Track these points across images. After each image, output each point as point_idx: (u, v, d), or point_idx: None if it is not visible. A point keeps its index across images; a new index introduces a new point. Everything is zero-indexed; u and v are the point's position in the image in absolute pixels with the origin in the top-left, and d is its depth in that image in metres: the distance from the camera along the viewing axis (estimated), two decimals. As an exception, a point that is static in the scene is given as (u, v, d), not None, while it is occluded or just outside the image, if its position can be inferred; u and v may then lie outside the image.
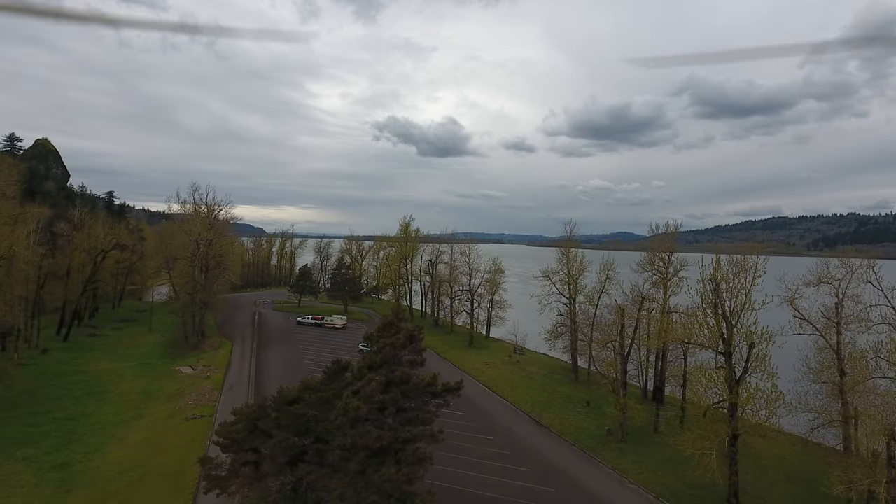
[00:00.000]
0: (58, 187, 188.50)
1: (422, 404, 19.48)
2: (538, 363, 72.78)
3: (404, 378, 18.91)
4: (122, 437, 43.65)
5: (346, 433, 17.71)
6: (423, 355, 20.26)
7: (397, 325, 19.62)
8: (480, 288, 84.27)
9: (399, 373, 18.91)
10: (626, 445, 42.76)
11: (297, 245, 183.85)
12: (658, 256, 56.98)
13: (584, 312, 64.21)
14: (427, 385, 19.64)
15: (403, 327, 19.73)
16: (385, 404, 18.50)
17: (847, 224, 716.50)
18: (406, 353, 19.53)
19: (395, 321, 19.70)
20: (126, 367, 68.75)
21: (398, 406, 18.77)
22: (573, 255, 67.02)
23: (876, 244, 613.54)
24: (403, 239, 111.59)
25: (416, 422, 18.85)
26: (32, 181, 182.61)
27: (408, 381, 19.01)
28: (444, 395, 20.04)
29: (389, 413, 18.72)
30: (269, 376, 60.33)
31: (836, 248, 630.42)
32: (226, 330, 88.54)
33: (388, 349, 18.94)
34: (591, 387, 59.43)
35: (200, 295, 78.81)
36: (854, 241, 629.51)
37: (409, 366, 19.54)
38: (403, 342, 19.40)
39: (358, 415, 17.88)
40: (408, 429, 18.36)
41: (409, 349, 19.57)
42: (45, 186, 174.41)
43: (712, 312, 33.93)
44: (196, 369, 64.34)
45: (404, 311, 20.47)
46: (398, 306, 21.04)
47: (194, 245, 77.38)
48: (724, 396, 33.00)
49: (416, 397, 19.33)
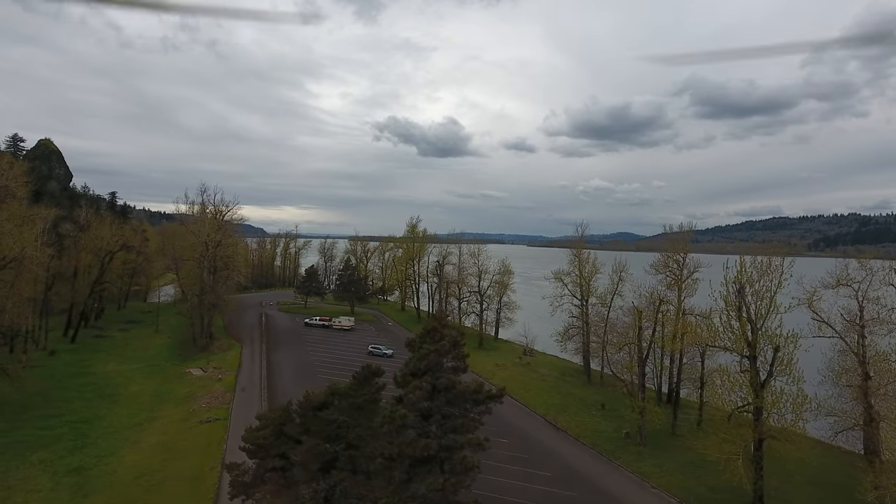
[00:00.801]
0: (61, 188, 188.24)
1: (465, 411, 19.11)
2: (549, 365, 72.46)
3: (449, 385, 18.56)
4: (137, 441, 43.32)
5: (391, 441, 17.37)
6: (465, 361, 19.92)
7: (441, 331, 19.27)
8: (489, 289, 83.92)
9: (444, 379, 18.57)
10: (646, 449, 42.43)
11: (301, 246, 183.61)
12: (672, 258, 56.63)
13: (597, 314, 63.88)
14: (473, 392, 19.28)
15: (447, 333, 19.37)
16: (430, 412, 18.15)
17: (848, 224, 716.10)
18: (449, 360, 19.17)
19: (439, 327, 19.35)
20: (135, 369, 68.43)
21: (443, 413, 18.41)
22: (585, 257, 66.64)
23: (877, 244, 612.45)
24: (410, 239, 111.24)
25: (460, 429, 18.49)
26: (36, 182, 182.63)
27: (453, 388, 18.65)
28: (487, 402, 19.69)
29: (434, 421, 18.35)
30: (280, 378, 60.04)
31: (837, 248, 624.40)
32: (234, 331, 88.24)
33: (432, 355, 18.59)
34: (604, 389, 59.12)
35: (209, 296, 78.50)
36: (855, 241, 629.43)
37: (453, 372, 19.19)
38: (448, 348, 19.05)
39: (405, 422, 17.55)
40: (452, 436, 18.01)
41: (452, 355, 19.22)
42: (49, 187, 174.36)
43: (736, 315, 33.59)
44: (206, 371, 64.03)
45: (446, 317, 20.08)
46: (441, 312, 20.78)
47: (203, 246, 77.07)
48: (749, 400, 32.64)
49: (460, 404, 18.96)
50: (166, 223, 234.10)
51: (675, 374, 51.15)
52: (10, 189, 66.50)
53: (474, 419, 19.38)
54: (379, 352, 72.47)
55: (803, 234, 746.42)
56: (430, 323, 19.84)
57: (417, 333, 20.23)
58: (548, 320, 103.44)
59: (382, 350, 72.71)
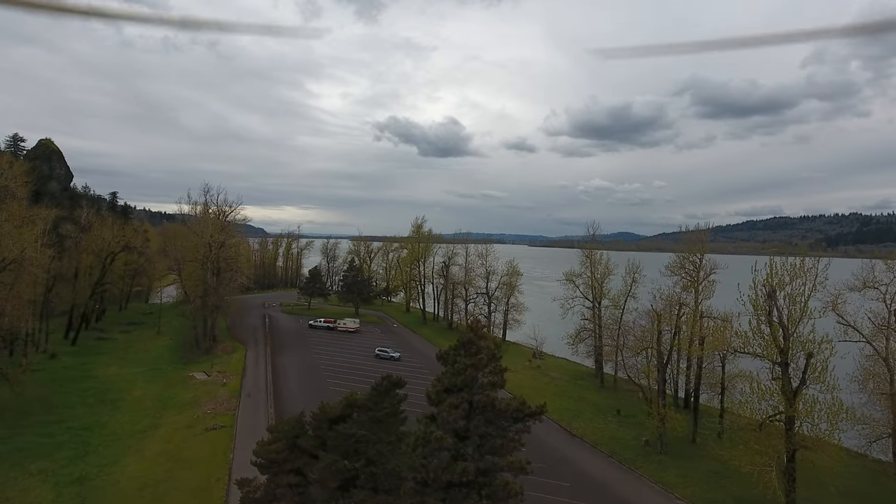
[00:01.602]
0: (61, 188, 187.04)
1: (503, 431, 17.64)
2: (559, 368, 71.05)
3: (487, 403, 17.11)
4: (140, 449, 41.92)
5: (423, 464, 15.97)
6: (503, 376, 18.40)
7: (477, 344, 17.79)
8: (497, 291, 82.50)
9: (481, 397, 17.09)
10: (667, 458, 41.01)
11: (304, 246, 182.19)
12: (688, 259, 55.18)
13: (610, 316, 62.44)
14: (515, 410, 17.82)
15: (484, 346, 17.91)
16: (466, 432, 16.70)
17: (849, 224, 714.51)
18: (485, 375, 17.68)
19: (475, 338, 17.84)
20: (137, 373, 67.07)
21: (480, 433, 16.93)
22: (597, 258, 65.16)
23: (878, 244, 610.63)
24: (415, 239, 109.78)
25: (499, 451, 17.01)
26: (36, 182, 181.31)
27: (491, 405, 17.19)
28: (527, 420, 18.25)
29: (471, 442, 16.89)
30: (286, 382, 58.66)
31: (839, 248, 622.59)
32: (237, 333, 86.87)
33: (469, 370, 17.10)
34: (618, 393, 57.70)
35: (212, 298, 77.16)
36: (856, 241, 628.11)
37: (491, 388, 17.72)
38: (485, 362, 17.57)
39: (442, 445, 16.12)
40: (491, 459, 16.55)
41: (488, 369, 17.73)
42: (50, 187, 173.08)
43: (766, 320, 32.15)
44: (210, 375, 62.65)
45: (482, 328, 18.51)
46: (477, 322, 19.22)
47: (206, 247, 75.71)
48: (781, 409, 31.22)
49: (499, 423, 17.48)
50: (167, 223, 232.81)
51: (692, 378, 49.64)
52: (10, 189, 65.20)
53: (514, 440, 17.91)
54: (386, 355, 71.09)
55: (804, 234, 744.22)
56: (466, 334, 18.30)
57: (451, 346, 18.72)
58: (557, 322, 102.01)
59: (389, 353, 71.32)
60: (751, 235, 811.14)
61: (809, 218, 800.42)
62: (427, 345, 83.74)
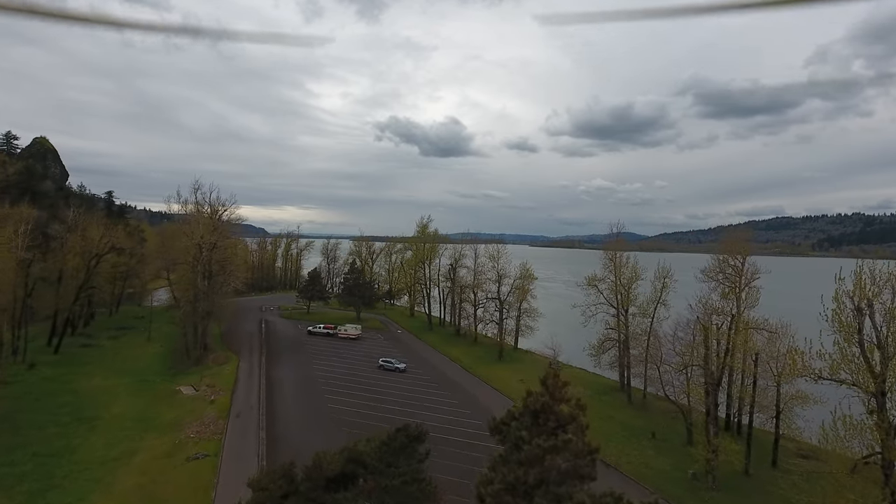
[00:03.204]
0: (56, 187, 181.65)
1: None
2: (579, 380, 65.30)
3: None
4: (111, 483, 36.42)
5: None
6: (595, 461, 12.65)
7: (555, 412, 12.23)
8: (509, 296, 76.85)
9: (570, 503, 11.55)
10: (719, 494, 35.42)
11: (304, 246, 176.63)
12: (727, 263, 49.56)
13: (638, 325, 56.77)
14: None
15: (564, 414, 12.32)
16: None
17: (852, 224, 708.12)
18: (567, 461, 11.96)
19: (550, 402, 12.22)
20: (121, 385, 61.66)
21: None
22: (622, 260, 59.44)
23: (882, 244, 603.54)
24: (420, 240, 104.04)
25: None
26: (30, 181, 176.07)
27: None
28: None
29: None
30: (281, 399, 53.11)
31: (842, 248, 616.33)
32: (231, 340, 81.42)
33: (546, 459, 11.52)
34: (649, 413, 52.05)
35: (203, 303, 71.70)
36: (860, 241, 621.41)
37: (579, 482, 12.12)
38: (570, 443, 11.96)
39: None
40: None
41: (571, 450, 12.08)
42: (43, 186, 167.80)
43: (857, 341, 26.50)
44: (199, 390, 57.18)
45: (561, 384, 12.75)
46: (553, 374, 13.62)
47: (196, 249, 70.23)
48: (877, 449, 25.59)
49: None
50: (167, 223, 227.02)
51: (736, 397, 43.90)
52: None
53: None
54: (391, 366, 65.54)
55: (807, 234, 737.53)
56: (537, 398, 12.49)
57: (513, 410, 13.15)
58: (571, 328, 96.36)
59: (394, 364, 65.76)
60: (753, 236, 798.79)
61: (812, 218, 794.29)
62: (434, 353, 78.21)
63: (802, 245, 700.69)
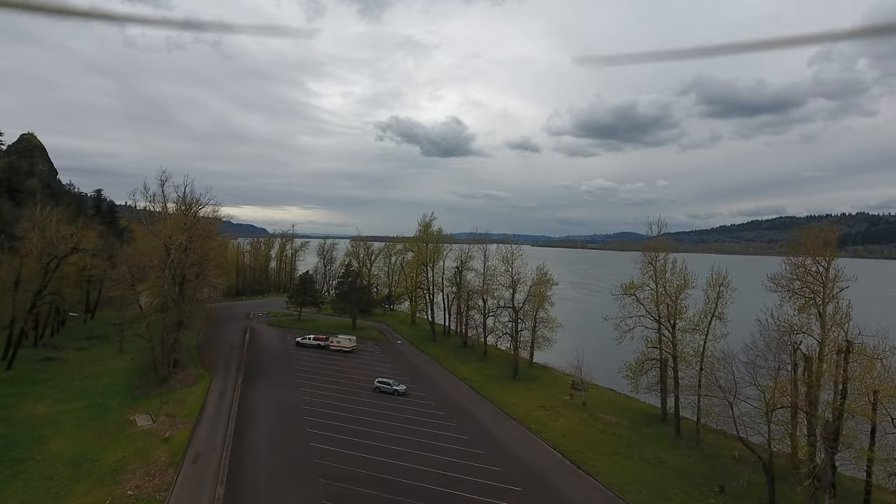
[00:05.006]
0: (43, 185, 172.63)
1: None
2: (609, 405, 55.56)
3: None
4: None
5: None
6: None
7: None
8: (525, 304, 67.00)
9: None
10: None
11: (299, 247, 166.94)
12: (806, 268, 39.71)
13: (688, 343, 46.88)
14: None
15: None
16: None
17: (857, 224, 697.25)
18: None
19: None
20: (69, 412, 52.24)
21: None
22: (668, 264, 49.47)
23: (887, 244, 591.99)
24: (422, 240, 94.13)
25: None
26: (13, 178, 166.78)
27: None
28: None
29: None
30: (253, 436, 43.35)
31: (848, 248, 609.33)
32: (208, 354, 71.81)
33: None
34: (704, 451, 42.04)
35: (174, 313, 62.12)
36: (865, 241, 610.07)
37: None
38: None
39: None
40: None
41: None
42: (29, 184, 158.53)
43: None
44: (156, 420, 47.56)
45: None
46: None
47: (163, 251, 60.62)
48: None
49: None
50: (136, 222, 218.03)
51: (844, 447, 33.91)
52: None
53: None
54: (388, 388, 55.75)
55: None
56: None
57: None
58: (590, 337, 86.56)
59: (392, 386, 55.95)
60: (756, 235, 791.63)
61: (816, 218, 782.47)
62: (439, 370, 68.37)
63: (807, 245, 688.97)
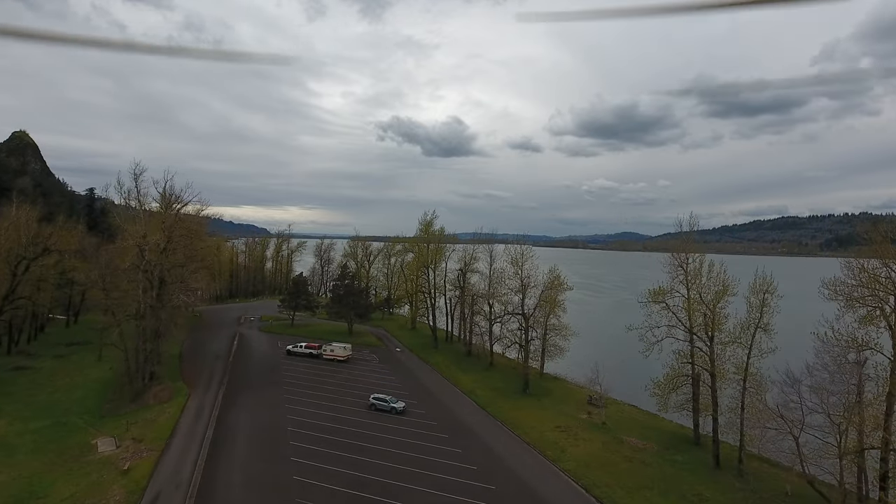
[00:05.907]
0: (34, 184, 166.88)
1: None
2: (632, 424, 49.68)
3: None
4: None
5: None
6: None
7: None
8: (536, 310, 61.13)
9: None
10: None
11: (296, 247, 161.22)
12: (872, 273, 33.88)
13: (728, 358, 40.96)
14: None
15: None
16: None
17: (860, 224, 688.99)
18: None
19: None
20: (28, 433, 46.62)
21: None
22: (704, 268, 43.48)
23: (892, 244, 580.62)
24: (423, 240, 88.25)
25: None
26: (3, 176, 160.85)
27: None
28: None
29: None
30: (227, 463, 37.55)
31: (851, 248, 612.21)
32: (190, 364, 66.07)
33: None
34: (750, 485, 36.15)
35: (149, 321, 56.43)
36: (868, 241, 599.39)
37: None
38: None
39: None
40: None
41: None
42: (19, 183, 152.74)
43: None
44: (120, 445, 41.80)
45: None
46: None
47: (137, 253, 54.89)
48: None
49: None
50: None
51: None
52: None
53: None
54: (385, 405, 49.90)
55: (814, 234, 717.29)
56: None
57: None
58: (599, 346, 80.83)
59: (390, 403, 50.09)
60: (759, 235, 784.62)
61: (818, 217, 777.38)
62: (441, 382, 62.53)
63: (810, 245, 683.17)
